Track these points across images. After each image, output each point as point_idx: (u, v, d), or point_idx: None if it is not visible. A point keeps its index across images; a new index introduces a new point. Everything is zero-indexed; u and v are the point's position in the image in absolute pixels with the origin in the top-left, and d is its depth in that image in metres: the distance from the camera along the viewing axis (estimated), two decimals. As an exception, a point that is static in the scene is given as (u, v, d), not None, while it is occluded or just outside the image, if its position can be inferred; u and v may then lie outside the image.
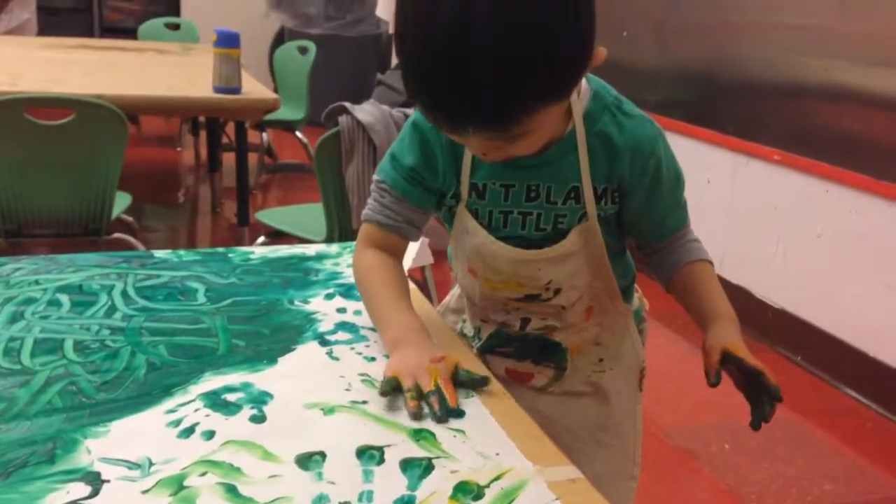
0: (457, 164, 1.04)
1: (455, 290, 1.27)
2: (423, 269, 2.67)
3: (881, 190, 2.51)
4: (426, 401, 0.88)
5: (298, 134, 4.50)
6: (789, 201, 2.90)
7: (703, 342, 1.03)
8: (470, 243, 1.08)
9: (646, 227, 1.10)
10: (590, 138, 1.00)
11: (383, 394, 0.89)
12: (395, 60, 5.78)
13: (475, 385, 0.93)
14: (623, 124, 1.01)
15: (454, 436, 0.84)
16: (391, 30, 6.00)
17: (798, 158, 2.82)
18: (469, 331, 1.22)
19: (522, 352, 1.17)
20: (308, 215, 2.70)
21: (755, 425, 0.99)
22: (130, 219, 2.72)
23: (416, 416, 0.87)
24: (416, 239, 1.11)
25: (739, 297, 3.08)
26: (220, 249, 1.33)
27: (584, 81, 1.00)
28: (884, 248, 2.55)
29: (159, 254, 1.30)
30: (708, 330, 1.04)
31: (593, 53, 0.86)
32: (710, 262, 1.10)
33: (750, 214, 3.10)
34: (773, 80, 2.96)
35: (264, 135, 4.71)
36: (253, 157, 4.35)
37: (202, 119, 4.61)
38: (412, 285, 1.24)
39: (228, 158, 3.84)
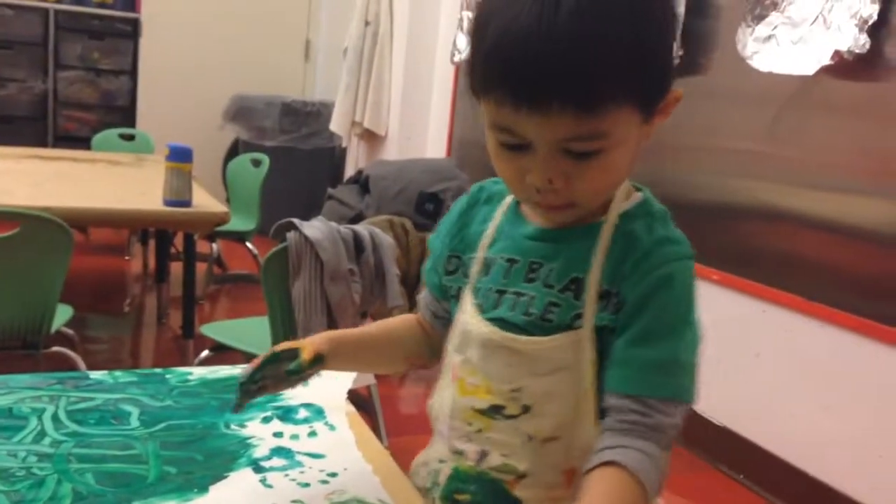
0: (480, 238, 1.00)
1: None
2: (368, 386, 2.66)
3: (813, 311, 2.59)
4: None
5: (249, 245, 4.52)
6: (728, 320, 2.96)
7: None
8: (459, 326, 0.99)
9: (612, 363, 0.88)
10: (616, 235, 0.90)
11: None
12: (347, 174, 5.88)
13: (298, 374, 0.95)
14: (655, 229, 0.90)
15: (384, 568, 0.84)
16: (344, 143, 6.14)
17: (735, 279, 2.91)
18: (427, 482, 1.03)
19: (479, 501, 0.97)
20: (253, 329, 2.69)
21: None
22: (71, 332, 2.67)
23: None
24: (443, 326, 1.05)
25: (683, 413, 3.10)
26: (158, 370, 1.32)
27: (636, 191, 0.95)
28: (818, 369, 2.60)
29: (94, 375, 1.28)
30: None
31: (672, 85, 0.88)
32: (641, 483, 0.81)
33: (691, 331, 3.15)
34: (709, 201, 3.07)
35: (214, 245, 4.71)
36: (202, 267, 4.34)
37: (152, 229, 4.60)
38: (351, 408, 1.24)
39: (177, 268, 3.82)
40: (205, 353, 2.70)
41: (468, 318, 0.97)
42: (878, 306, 2.40)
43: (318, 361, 0.96)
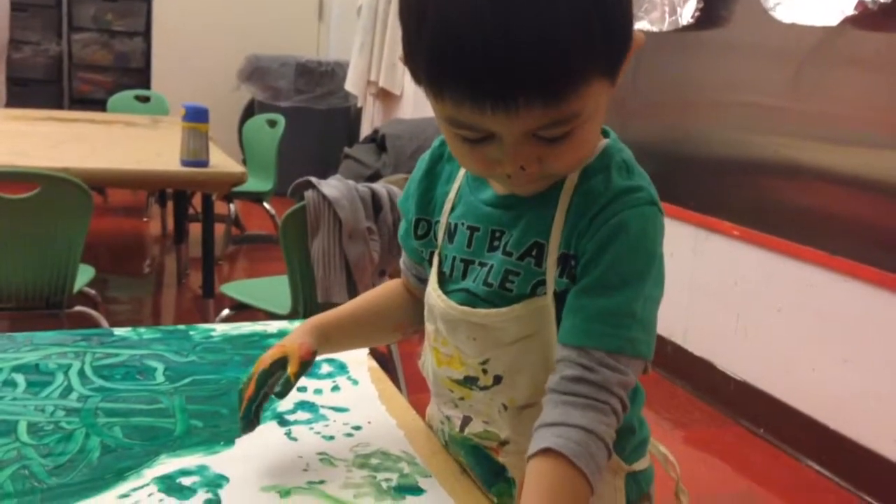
0: (444, 200, 0.95)
1: None
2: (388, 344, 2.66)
3: (835, 265, 2.57)
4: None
5: (266, 205, 4.52)
6: (749, 276, 2.95)
7: None
8: (426, 297, 0.97)
9: (563, 315, 0.84)
10: (575, 195, 0.84)
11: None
12: (363, 133, 5.86)
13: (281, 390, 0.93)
14: (613, 180, 0.84)
15: (411, 517, 0.84)
16: (359, 103, 6.10)
17: (756, 234, 2.89)
18: (440, 438, 1.03)
19: (470, 466, 0.97)
20: (273, 288, 2.70)
21: None
22: (93, 292, 2.69)
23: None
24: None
25: (702, 369, 3.11)
26: (181, 327, 1.33)
27: (602, 138, 0.88)
28: (839, 323, 2.59)
29: (119, 331, 1.29)
30: None
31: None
32: (581, 471, 0.75)
33: (711, 288, 3.14)
34: (730, 156, 3.04)
35: (232, 206, 4.73)
36: (220, 228, 4.35)
37: (169, 190, 4.62)
38: (374, 363, 1.25)
39: (195, 229, 3.84)
40: (225, 312, 2.72)
41: (430, 290, 0.94)
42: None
43: (305, 367, 0.94)
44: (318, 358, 1.20)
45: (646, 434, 0.97)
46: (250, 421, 0.92)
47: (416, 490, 0.90)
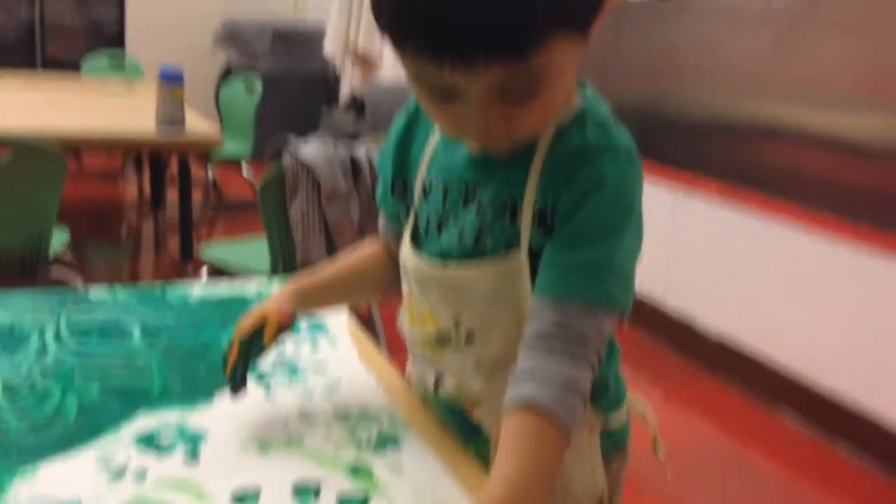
0: (420, 158, 0.94)
1: None
2: (369, 304, 2.67)
3: (812, 222, 2.59)
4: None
5: (244, 169, 4.48)
6: (728, 234, 2.97)
7: None
8: (400, 257, 0.96)
9: (539, 269, 0.83)
10: (551, 151, 0.83)
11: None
12: (342, 100, 5.81)
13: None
14: (590, 136, 0.82)
15: (391, 470, 0.85)
16: (338, 67, 6.03)
17: (736, 193, 2.90)
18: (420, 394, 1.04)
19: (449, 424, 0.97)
20: (252, 251, 2.68)
21: None
22: (69, 257, 2.67)
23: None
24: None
25: (681, 327, 3.14)
26: (157, 287, 1.32)
27: (578, 96, 0.86)
28: (816, 279, 2.62)
29: (94, 293, 1.28)
30: None
31: None
32: (558, 422, 0.74)
33: (690, 247, 3.16)
34: (711, 118, 3.04)
35: (210, 170, 4.68)
36: (198, 193, 4.32)
37: (146, 154, 4.57)
38: (353, 322, 1.25)
39: (173, 194, 3.81)
40: (204, 275, 2.71)
41: (404, 248, 0.93)
42: (877, 216, 2.40)
43: (284, 330, 0.93)
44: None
45: (622, 390, 0.98)
46: (237, 384, 0.92)
47: (396, 444, 0.90)
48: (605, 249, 0.80)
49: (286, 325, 0.93)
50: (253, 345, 0.92)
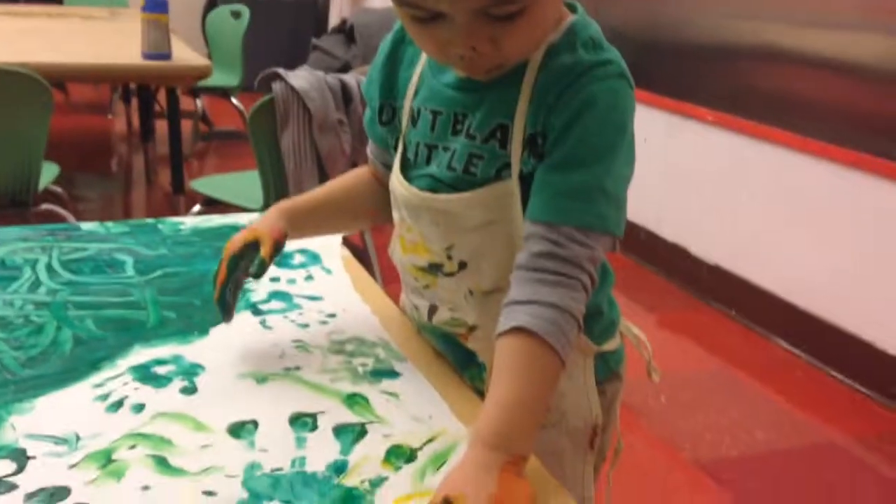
0: (407, 84, 0.92)
1: None
2: (362, 234, 2.66)
3: (808, 147, 2.58)
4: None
5: (233, 100, 4.42)
6: (722, 160, 2.96)
7: None
8: (390, 184, 0.95)
9: (531, 193, 0.82)
10: (541, 74, 0.81)
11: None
12: (331, 24, 5.70)
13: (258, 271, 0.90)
14: (580, 56, 0.80)
15: (387, 399, 0.85)
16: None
17: (731, 118, 2.87)
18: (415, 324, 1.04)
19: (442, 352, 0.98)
20: (244, 183, 2.66)
21: None
22: (60, 190, 2.65)
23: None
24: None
25: (675, 255, 3.15)
26: (150, 220, 1.31)
27: (569, 14, 0.84)
28: (811, 204, 2.62)
29: (86, 226, 1.27)
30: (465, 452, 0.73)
31: None
32: (552, 347, 0.74)
33: (684, 174, 3.15)
34: (705, 42, 3.00)
35: (198, 102, 4.62)
36: (187, 125, 4.26)
37: (133, 86, 4.49)
38: (347, 252, 1.24)
39: (162, 126, 3.76)
40: (196, 208, 2.69)
41: (394, 177, 0.92)
42: (872, 141, 2.38)
43: (279, 249, 0.92)
44: (290, 248, 1.19)
45: (615, 315, 0.98)
46: (226, 306, 0.91)
47: (392, 374, 0.90)
48: (596, 171, 0.78)
49: (279, 242, 0.92)
50: (242, 261, 0.90)
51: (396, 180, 0.91)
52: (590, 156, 0.79)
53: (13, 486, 0.69)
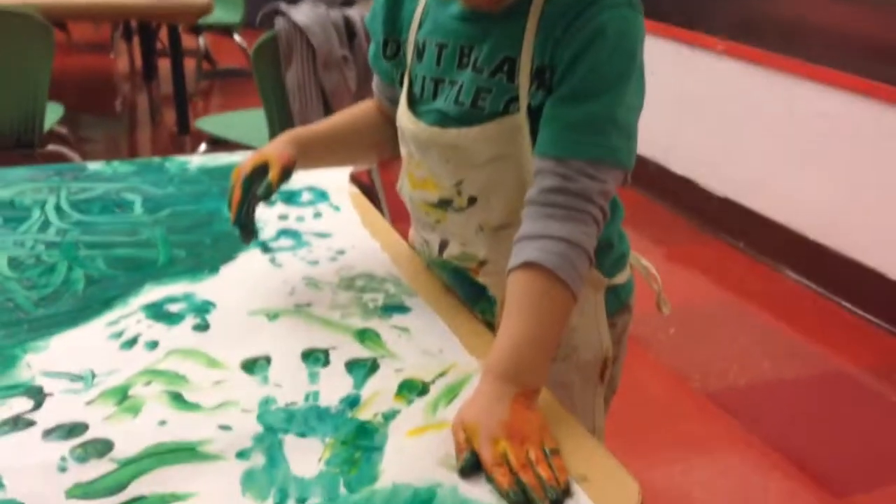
0: (412, 17, 0.91)
1: None
2: (370, 171, 2.65)
3: (819, 75, 2.53)
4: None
5: (236, 37, 4.36)
6: (732, 91, 2.91)
7: None
8: (397, 119, 0.94)
9: (541, 126, 0.81)
10: (547, 5, 0.80)
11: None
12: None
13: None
14: None
15: (398, 335, 0.86)
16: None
17: (741, 47, 2.82)
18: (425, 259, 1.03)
19: (452, 287, 0.98)
20: (250, 121, 2.65)
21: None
22: (65, 130, 2.64)
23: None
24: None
25: (684, 187, 3.13)
26: (156, 159, 1.30)
27: None
28: (822, 134, 2.59)
29: (93, 166, 1.27)
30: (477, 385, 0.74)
31: None
32: (563, 282, 0.74)
33: (694, 105, 3.11)
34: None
35: (201, 39, 4.56)
36: (191, 63, 4.22)
37: (134, 24, 4.43)
38: (355, 189, 1.24)
39: (165, 65, 3.72)
40: (202, 147, 2.68)
41: (401, 112, 0.91)
42: (882, 68, 2.34)
43: (287, 175, 0.91)
44: (298, 186, 1.19)
45: (625, 248, 0.97)
46: (245, 227, 0.90)
47: (403, 308, 0.91)
48: (606, 102, 0.77)
49: (288, 166, 0.91)
50: (255, 183, 0.89)
51: (404, 115, 0.90)
52: (600, 86, 0.78)
53: (31, 423, 0.70)
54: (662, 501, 1.67)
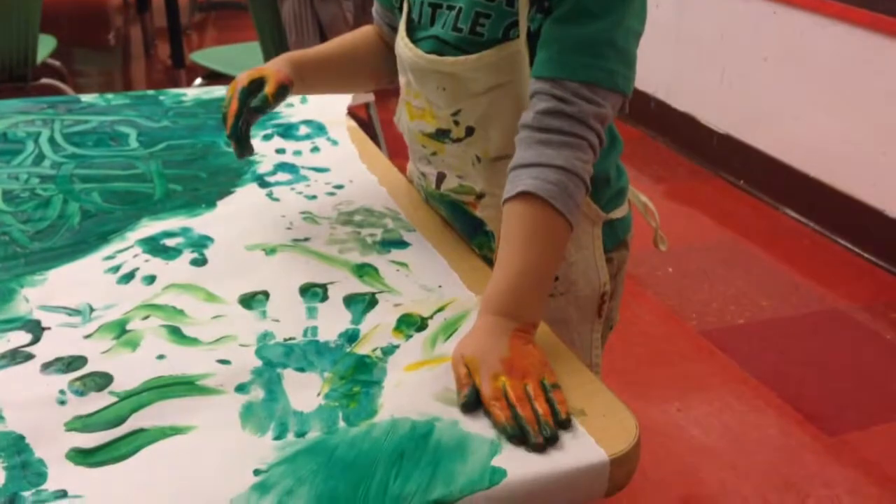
0: None
1: None
2: (367, 106, 2.62)
3: (823, 8, 2.49)
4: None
5: (231, -33, 4.28)
6: (735, 26, 2.86)
7: None
8: (395, 48, 0.92)
9: (538, 47, 0.79)
10: None
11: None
12: None
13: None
14: None
15: (397, 269, 0.85)
16: None
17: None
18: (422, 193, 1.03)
19: (449, 221, 0.98)
20: (246, 55, 2.61)
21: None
22: (58, 63, 2.59)
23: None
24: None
25: (685, 124, 3.10)
26: (151, 92, 1.28)
27: None
28: (825, 70, 2.55)
29: (86, 98, 1.25)
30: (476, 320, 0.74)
31: None
32: (559, 211, 0.73)
33: (696, 41, 3.06)
34: None
35: (194, -31, 4.47)
36: (184, -5, 4.14)
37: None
38: (353, 123, 1.22)
39: (158, -3, 3.65)
40: (198, 81, 2.64)
41: (399, 39, 0.89)
42: (887, 0, 2.30)
43: (283, 92, 0.89)
44: (294, 120, 1.18)
45: (624, 183, 0.96)
46: (241, 140, 0.88)
47: (401, 243, 0.90)
48: (606, 23, 0.75)
49: (284, 85, 0.89)
50: (251, 97, 0.88)
51: (402, 43, 0.88)
52: (599, 6, 0.75)
53: (30, 356, 0.70)
54: (658, 438, 1.69)
